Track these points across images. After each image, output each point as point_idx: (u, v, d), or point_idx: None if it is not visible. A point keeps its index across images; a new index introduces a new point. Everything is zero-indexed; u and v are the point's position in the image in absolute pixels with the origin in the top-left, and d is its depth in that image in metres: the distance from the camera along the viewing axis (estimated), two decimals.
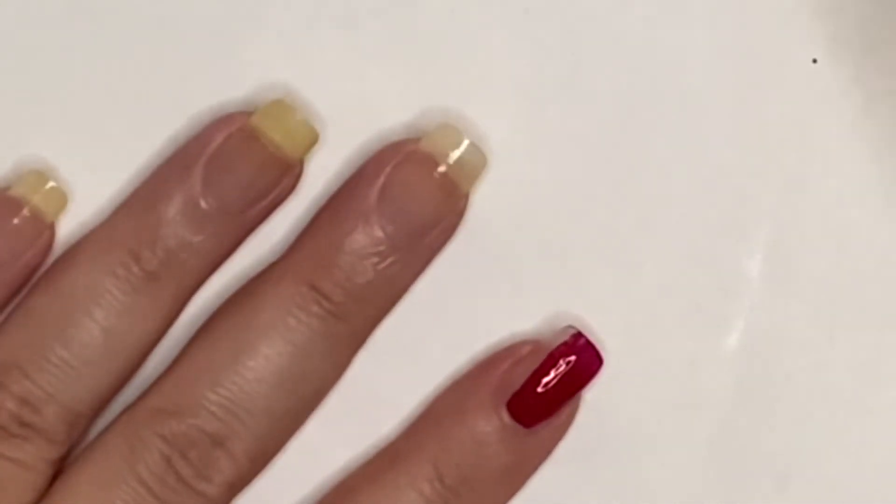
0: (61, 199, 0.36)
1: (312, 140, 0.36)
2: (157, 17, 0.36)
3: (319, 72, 0.36)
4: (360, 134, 0.36)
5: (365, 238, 0.35)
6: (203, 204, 0.35)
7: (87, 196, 0.36)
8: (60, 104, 0.36)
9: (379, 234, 0.35)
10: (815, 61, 0.36)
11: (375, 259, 0.35)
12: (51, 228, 0.35)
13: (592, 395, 0.36)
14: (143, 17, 0.36)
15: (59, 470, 0.35)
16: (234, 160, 0.35)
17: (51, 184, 0.35)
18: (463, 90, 0.36)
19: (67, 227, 0.36)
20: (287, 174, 0.35)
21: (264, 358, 0.34)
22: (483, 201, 0.36)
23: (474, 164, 0.36)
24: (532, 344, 0.36)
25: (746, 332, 0.36)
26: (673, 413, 0.36)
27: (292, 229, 0.36)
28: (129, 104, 0.36)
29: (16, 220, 0.35)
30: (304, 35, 0.36)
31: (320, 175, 0.36)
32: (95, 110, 0.36)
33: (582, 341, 0.35)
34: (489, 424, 0.35)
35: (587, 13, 0.36)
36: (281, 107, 0.35)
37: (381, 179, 0.35)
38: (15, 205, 0.35)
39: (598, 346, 0.35)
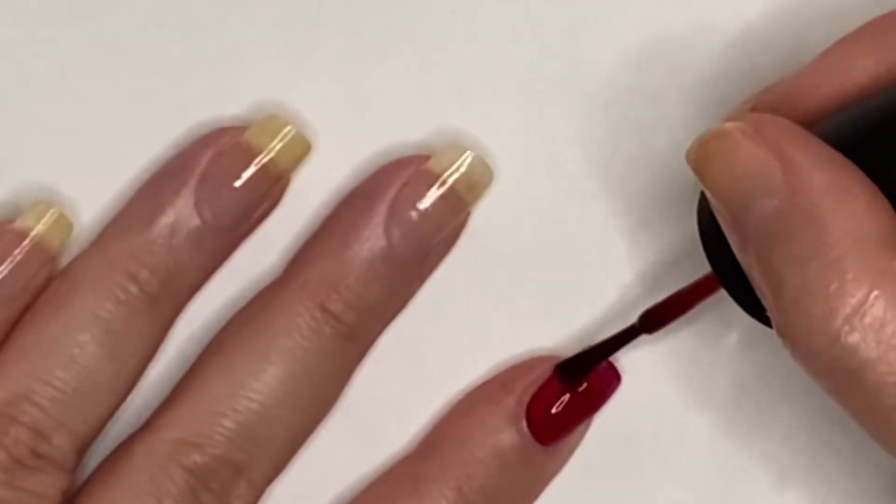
0: (66, 226, 0.35)
1: (306, 152, 0.36)
2: (155, 20, 0.36)
3: (320, 74, 0.36)
4: (360, 135, 0.36)
5: (375, 258, 0.35)
6: (199, 221, 0.35)
7: (82, 204, 0.36)
8: (55, 110, 0.36)
9: (388, 253, 0.35)
10: None
11: (385, 279, 0.35)
12: (53, 261, 0.35)
13: None
14: (142, 20, 0.36)
15: (68, 498, 0.34)
16: (229, 177, 0.35)
17: (54, 211, 0.35)
18: (463, 91, 0.36)
19: None
20: (277, 185, 0.35)
21: (280, 384, 0.34)
22: (484, 202, 0.36)
23: (481, 182, 0.36)
24: (551, 361, 0.36)
25: (746, 332, 0.36)
26: (673, 413, 0.36)
27: (290, 231, 0.36)
28: (123, 108, 0.36)
29: (21, 253, 0.35)
30: (305, 37, 0.36)
31: (319, 177, 0.36)
32: (89, 116, 0.36)
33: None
34: (511, 446, 0.35)
35: (587, 13, 0.36)
36: (276, 122, 0.35)
37: (390, 199, 0.35)
38: (21, 237, 0.35)
39: (617, 365, 0.36)
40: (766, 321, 0.32)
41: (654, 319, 0.34)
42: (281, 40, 0.36)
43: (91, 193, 0.36)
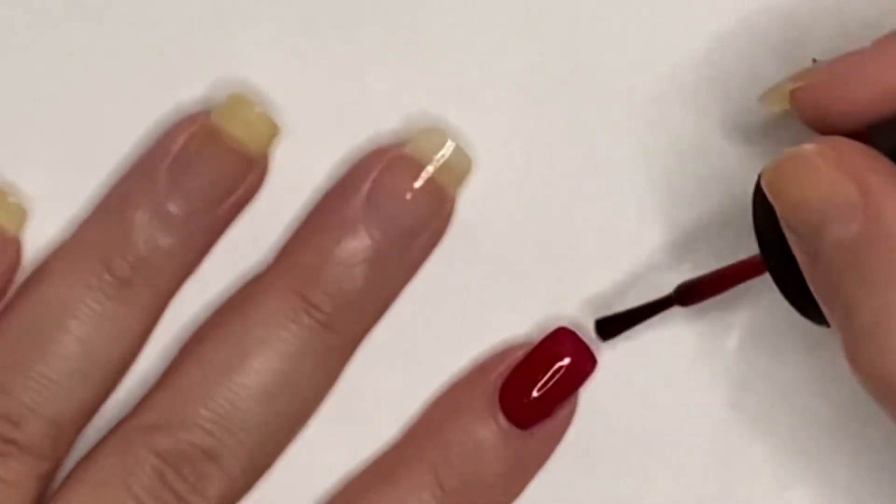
0: (21, 213, 0.36)
1: (273, 133, 0.35)
2: (152, 18, 0.36)
3: (319, 73, 0.36)
4: (360, 134, 0.36)
5: (353, 246, 0.35)
6: (170, 207, 0.35)
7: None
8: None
9: (367, 241, 0.35)
10: (814, 61, 0.36)
11: (364, 267, 0.35)
12: (15, 242, 0.35)
13: (592, 396, 0.36)
14: (140, 19, 0.36)
15: (47, 485, 0.35)
16: (197, 160, 0.35)
17: (10, 199, 0.35)
18: (463, 90, 0.36)
19: (37, 241, 0.36)
20: (252, 169, 0.35)
21: (256, 372, 0.34)
22: (482, 202, 0.36)
23: (460, 167, 0.36)
24: (525, 346, 0.36)
25: (746, 333, 0.36)
26: (673, 413, 0.36)
27: (285, 234, 0.36)
28: (121, 108, 0.36)
29: None
30: (303, 36, 0.36)
31: (318, 176, 0.36)
32: (86, 116, 0.36)
33: (575, 342, 0.35)
34: (487, 429, 0.35)
35: (587, 13, 0.36)
36: (239, 102, 0.35)
37: (367, 186, 0.35)
38: None
39: (592, 346, 0.35)
40: (810, 317, 0.32)
41: (691, 293, 0.35)
42: (281, 40, 0.36)
43: (81, 191, 0.36)
